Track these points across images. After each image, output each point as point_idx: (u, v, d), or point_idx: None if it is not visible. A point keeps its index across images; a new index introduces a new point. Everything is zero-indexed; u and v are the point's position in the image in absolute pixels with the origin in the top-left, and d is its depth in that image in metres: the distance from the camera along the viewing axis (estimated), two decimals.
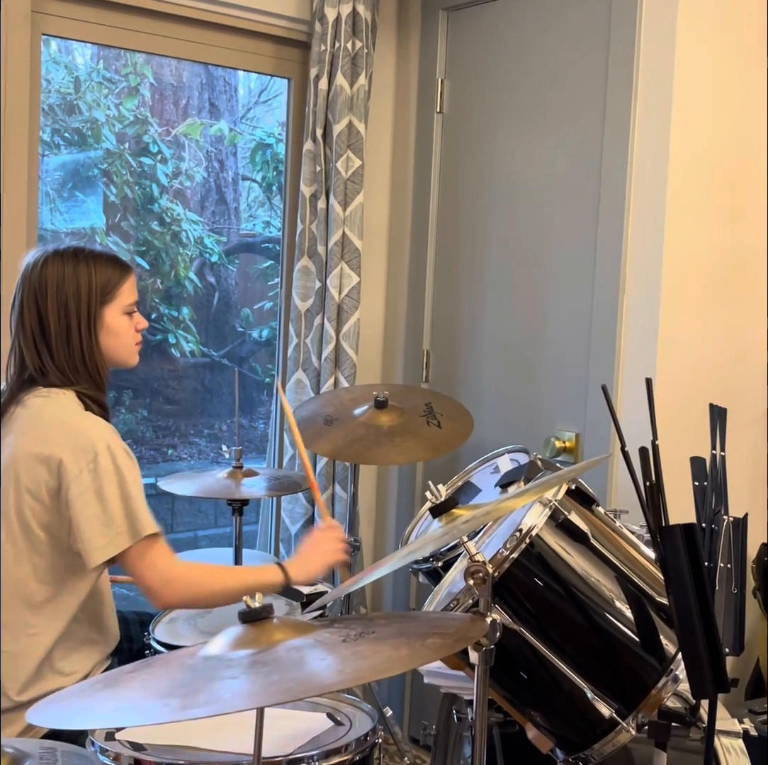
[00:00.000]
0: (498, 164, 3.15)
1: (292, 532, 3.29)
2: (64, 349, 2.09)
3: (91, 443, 2.00)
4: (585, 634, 1.68)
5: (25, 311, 2.09)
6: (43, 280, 2.08)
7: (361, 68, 3.18)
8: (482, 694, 1.48)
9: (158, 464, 4.83)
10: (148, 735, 1.71)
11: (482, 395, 3.20)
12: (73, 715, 1.28)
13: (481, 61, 3.20)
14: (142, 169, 4.61)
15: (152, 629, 2.31)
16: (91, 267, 2.11)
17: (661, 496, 1.52)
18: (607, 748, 1.65)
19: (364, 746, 1.72)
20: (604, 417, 2.67)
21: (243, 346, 5.11)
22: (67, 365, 2.09)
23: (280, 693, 1.19)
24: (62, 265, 2.09)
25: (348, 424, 2.71)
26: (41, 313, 2.08)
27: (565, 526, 1.69)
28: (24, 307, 2.10)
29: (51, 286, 2.08)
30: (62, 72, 4.39)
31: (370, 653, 1.25)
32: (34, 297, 2.09)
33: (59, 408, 2.07)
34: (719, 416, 1.78)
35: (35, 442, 2.03)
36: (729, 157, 2.73)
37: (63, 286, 2.08)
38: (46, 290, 2.08)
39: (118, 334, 2.14)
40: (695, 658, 1.43)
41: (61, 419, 2.06)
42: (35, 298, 2.09)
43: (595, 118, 2.81)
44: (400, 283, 3.48)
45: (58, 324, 2.08)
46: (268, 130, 4.88)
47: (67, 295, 2.08)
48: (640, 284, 2.72)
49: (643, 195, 2.70)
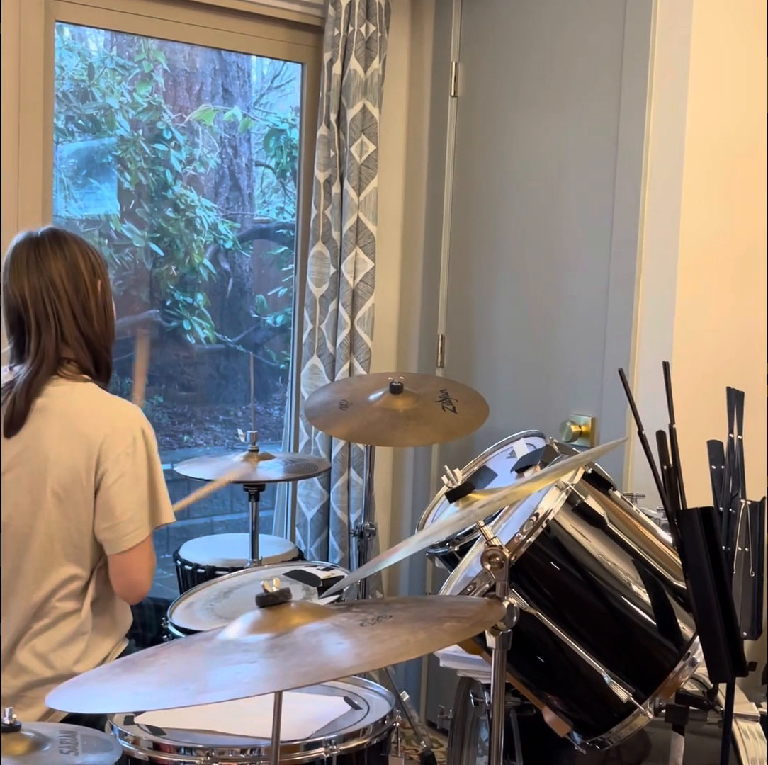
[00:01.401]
0: (513, 147, 3.13)
1: (307, 518, 3.30)
2: (100, 316, 2.11)
3: (129, 427, 2.02)
4: (602, 618, 1.67)
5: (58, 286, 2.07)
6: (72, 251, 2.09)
7: (375, 52, 3.16)
8: (499, 677, 1.48)
9: (174, 450, 4.84)
10: (167, 719, 1.72)
11: (498, 379, 3.19)
12: (92, 699, 1.28)
13: (495, 43, 3.18)
14: (156, 156, 4.60)
15: (170, 614, 2.32)
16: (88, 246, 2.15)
17: (678, 480, 1.51)
18: (625, 731, 1.65)
19: (382, 730, 1.73)
20: (620, 401, 2.66)
21: (258, 332, 5.11)
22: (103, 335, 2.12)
23: (297, 677, 1.19)
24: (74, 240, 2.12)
25: (363, 408, 2.71)
26: (77, 282, 2.08)
27: (581, 510, 1.69)
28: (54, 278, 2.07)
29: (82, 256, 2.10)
30: (76, 59, 4.39)
31: (388, 637, 1.25)
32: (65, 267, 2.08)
33: (86, 394, 2.07)
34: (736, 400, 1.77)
35: (69, 428, 2.03)
36: (746, 138, 2.70)
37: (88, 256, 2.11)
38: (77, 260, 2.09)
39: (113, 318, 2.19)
40: (713, 641, 1.42)
41: (93, 404, 2.07)
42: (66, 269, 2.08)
43: (610, 99, 2.79)
44: (414, 268, 3.47)
45: (93, 290, 2.10)
46: (282, 116, 4.86)
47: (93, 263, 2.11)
48: (656, 267, 2.70)
49: (660, 177, 2.68)
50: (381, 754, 1.74)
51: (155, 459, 2.05)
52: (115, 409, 2.07)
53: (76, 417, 2.04)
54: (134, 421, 2.04)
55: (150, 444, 2.04)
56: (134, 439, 2.01)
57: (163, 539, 2.15)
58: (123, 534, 2.01)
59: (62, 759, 1.36)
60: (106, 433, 2.01)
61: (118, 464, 1.99)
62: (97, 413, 2.05)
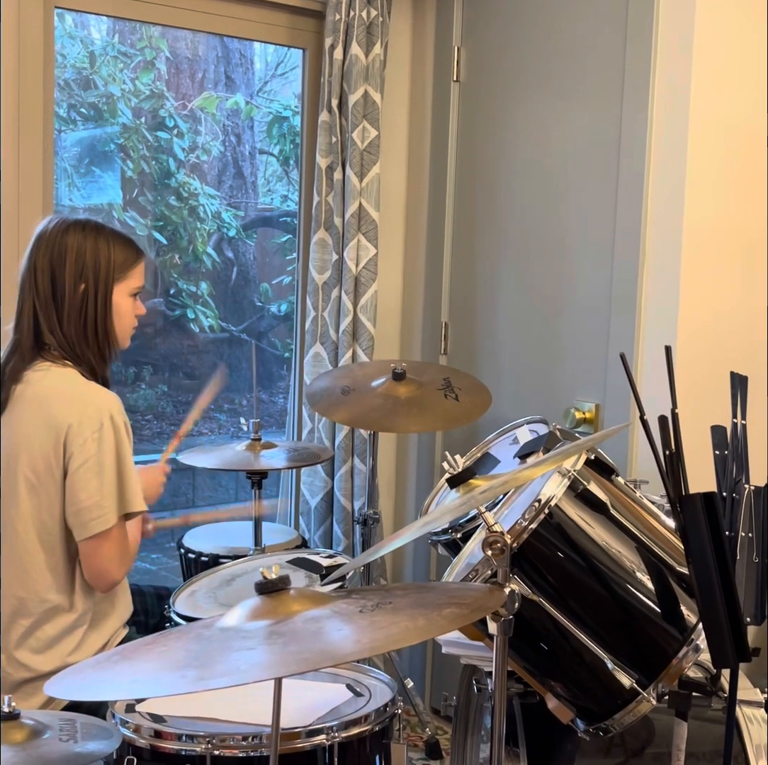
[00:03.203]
0: (516, 132, 3.11)
1: (311, 506, 3.29)
2: (76, 318, 2.09)
3: (98, 412, 2.00)
4: (605, 604, 1.66)
5: (38, 277, 2.09)
6: (63, 246, 2.09)
7: (377, 37, 3.14)
8: (501, 664, 1.47)
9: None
10: (168, 707, 1.72)
11: (501, 366, 3.18)
12: (90, 687, 1.28)
13: (497, 27, 3.15)
14: (159, 144, 4.59)
15: (172, 602, 2.31)
16: (110, 244, 2.14)
17: (680, 465, 1.50)
18: (628, 718, 1.64)
19: (384, 717, 1.72)
20: (624, 387, 2.65)
21: (262, 320, 5.10)
22: (77, 335, 2.09)
23: (296, 663, 1.19)
24: (83, 236, 2.11)
25: (365, 394, 2.71)
26: (55, 279, 2.09)
27: (584, 497, 1.68)
28: (37, 272, 2.10)
29: (70, 254, 2.09)
30: (78, 47, 4.37)
31: (387, 624, 1.24)
32: (49, 262, 2.09)
33: (61, 378, 2.07)
34: (740, 384, 1.76)
35: (41, 414, 2.03)
36: (750, 125, 2.68)
37: (82, 256, 2.09)
38: (64, 257, 2.09)
39: (121, 315, 2.16)
40: (716, 627, 1.41)
41: (65, 388, 2.06)
42: (50, 263, 2.09)
43: (614, 83, 2.76)
44: (417, 255, 3.46)
45: (73, 292, 2.09)
46: (285, 103, 4.85)
47: (85, 265, 2.09)
48: (660, 252, 2.69)
49: (664, 163, 2.66)
50: (383, 741, 1.73)
51: (124, 447, 2.03)
52: (87, 394, 2.06)
53: (48, 402, 2.04)
54: (104, 408, 2.02)
55: (119, 431, 2.02)
56: (101, 425, 1.99)
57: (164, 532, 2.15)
58: (87, 520, 2.00)
59: (61, 746, 1.36)
60: (74, 417, 2.00)
61: (84, 449, 1.98)
62: (69, 398, 2.04)
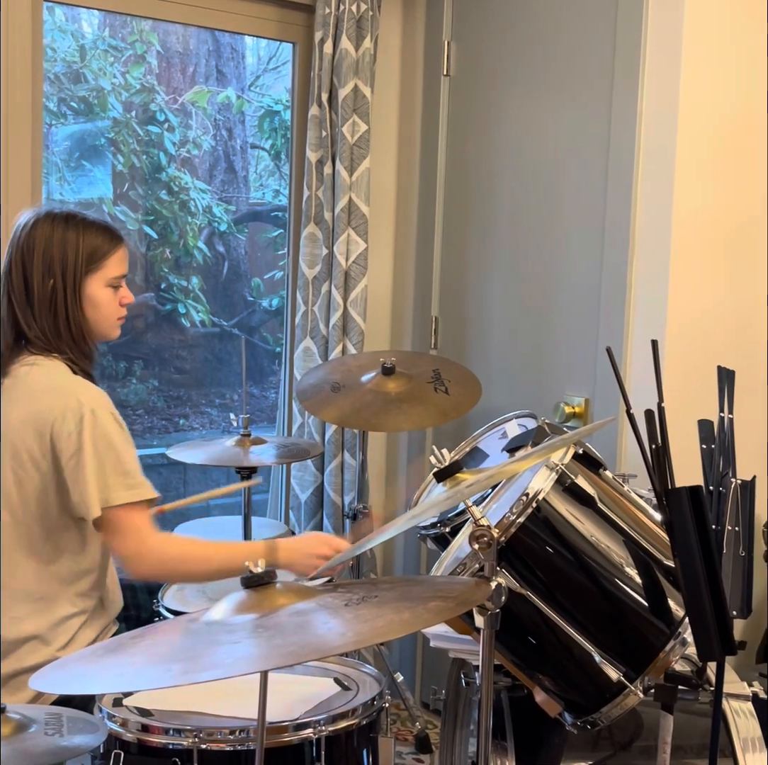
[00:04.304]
0: (506, 126, 3.11)
1: (301, 500, 3.29)
2: (47, 314, 2.06)
3: (79, 406, 1.99)
4: (592, 598, 1.67)
5: (12, 271, 2.07)
6: (31, 241, 2.06)
7: (367, 31, 3.14)
8: (488, 657, 1.47)
9: (170, 434, 4.83)
10: (155, 701, 1.71)
11: (492, 361, 3.18)
12: (76, 681, 1.28)
13: (488, 22, 3.15)
14: (150, 138, 4.58)
15: (161, 596, 2.31)
16: (80, 234, 2.08)
17: (667, 459, 1.50)
18: (615, 711, 1.65)
19: (371, 711, 1.72)
20: (613, 382, 2.60)
21: (253, 315, 5.10)
22: (50, 330, 2.06)
23: (282, 657, 1.19)
24: (51, 228, 2.07)
25: (355, 391, 2.70)
26: (26, 275, 2.06)
27: (572, 490, 1.68)
28: (12, 267, 2.08)
29: (38, 248, 2.06)
30: (68, 40, 4.36)
31: (372, 617, 1.25)
32: (21, 258, 2.07)
33: (47, 373, 2.05)
34: (727, 378, 1.76)
35: (26, 408, 2.01)
36: (738, 120, 2.69)
37: (50, 250, 2.06)
38: (33, 252, 2.06)
39: (99, 306, 2.11)
40: (701, 620, 1.42)
41: (50, 383, 2.04)
42: (22, 259, 2.07)
43: (603, 77, 2.76)
44: (407, 249, 3.46)
45: (42, 287, 2.05)
46: (277, 97, 4.84)
47: (52, 259, 2.05)
48: (649, 248, 2.69)
49: (653, 157, 2.66)
50: (370, 735, 1.73)
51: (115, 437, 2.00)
52: (71, 388, 2.03)
53: (33, 396, 2.03)
54: (85, 401, 2.00)
55: (106, 423, 2.00)
56: (81, 419, 1.97)
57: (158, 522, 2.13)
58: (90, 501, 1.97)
59: (47, 740, 1.36)
60: (57, 411, 1.98)
61: (70, 442, 1.97)
62: (53, 392, 2.02)
